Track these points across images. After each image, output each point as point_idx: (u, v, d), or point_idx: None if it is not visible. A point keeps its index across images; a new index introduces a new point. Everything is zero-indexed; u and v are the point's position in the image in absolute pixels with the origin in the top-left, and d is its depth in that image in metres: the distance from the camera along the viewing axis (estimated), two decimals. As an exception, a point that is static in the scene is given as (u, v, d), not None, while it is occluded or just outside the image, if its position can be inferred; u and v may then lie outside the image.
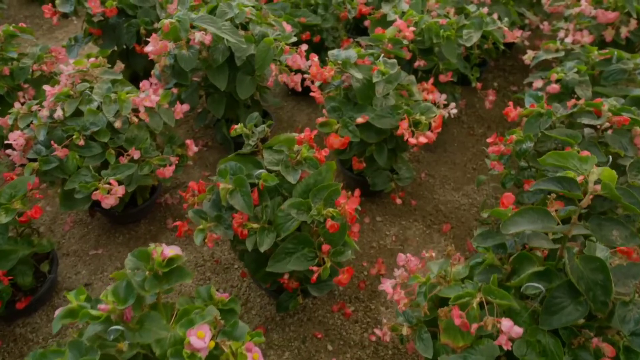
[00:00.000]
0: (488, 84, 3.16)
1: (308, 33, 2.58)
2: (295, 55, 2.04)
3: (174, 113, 1.93)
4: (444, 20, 2.25)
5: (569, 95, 2.09)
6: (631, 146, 1.64)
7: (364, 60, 1.97)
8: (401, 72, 2.04)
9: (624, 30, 2.32)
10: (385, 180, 2.08)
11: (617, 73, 2.08)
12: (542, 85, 2.15)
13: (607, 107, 1.68)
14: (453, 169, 2.49)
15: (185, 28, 1.83)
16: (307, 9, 2.66)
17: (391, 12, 2.32)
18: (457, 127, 2.79)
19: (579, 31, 2.45)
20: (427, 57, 2.29)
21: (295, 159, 1.58)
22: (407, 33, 2.13)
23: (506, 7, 2.72)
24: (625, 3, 2.27)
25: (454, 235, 2.15)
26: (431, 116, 1.82)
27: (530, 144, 1.62)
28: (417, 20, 2.22)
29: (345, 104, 1.90)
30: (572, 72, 2.09)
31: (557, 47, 2.28)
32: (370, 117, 1.84)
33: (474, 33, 2.27)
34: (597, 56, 2.17)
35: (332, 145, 1.78)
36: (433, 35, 2.22)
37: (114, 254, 2.07)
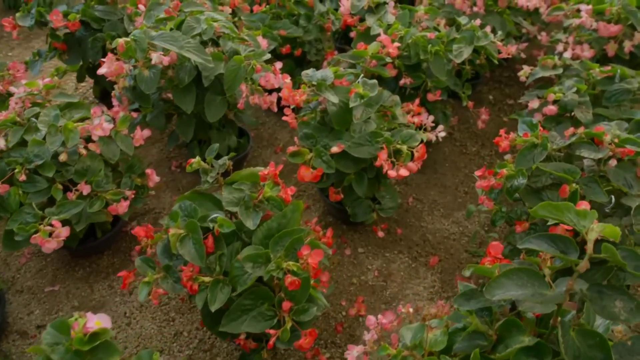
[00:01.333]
0: (483, 97, 2.97)
1: (288, 46, 2.40)
2: (269, 74, 1.85)
3: (133, 140, 1.74)
4: (433, 34, 2.05)
5: (568, 117, 1.89)
6: (636, 182, 1.44)
7: (341, 80, 1.78)
8: (384, 93, 1.86)
9: (627, 44, 2.12)
10: (366, 210, 1.89)
11: (621, 93, 1.89)
12: (538, 105, 1.96)
13: (609, 137, 1.49)
14: (443, 193, 2.30)
15: (142, 48, 1.64)
16: (288, 20, 2.47)
17: (375, 25, 2.12)
18: (449, 145, 2.60)
19: (579, 44, 2.25)
20: (414, 74, 2.09)
21: (257, 198, 1.39)
22: (391, 49, 1.93)
23: (501, 17, 2.53)
24: (629, 15, 2.07)
25: (442, 269, 1.96)
26: (414, 145, 1.63)
27: (522, 181, 1.43)
28: (403, 34, 2.03)
29: (320, 130, 1.72)
30: (571, 91, 1.90)
31: (554, 62, 2.08)
32: (346, 146, 1.65)
33: (464, 48, 2.07)
34: (599, 74, 1.97)
35: (303, 178, 1.59)
36: (420, 51, 2.02)
37: (72, 291, 1.89)
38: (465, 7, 2.42)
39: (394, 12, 2.25)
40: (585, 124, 1.83)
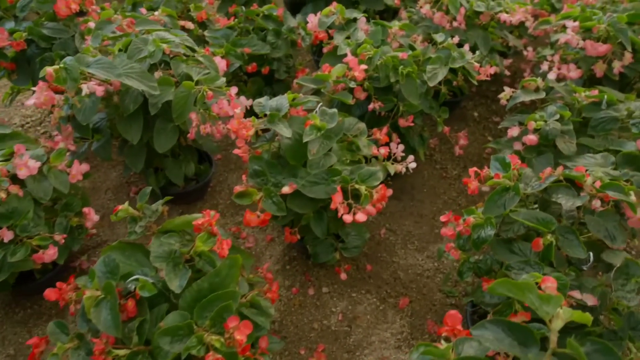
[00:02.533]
0: (467, 114, 2.78)
1: (254, 64, 2.22)
2: (222, 101, 1.67)
3: (69, 176, 1.57)
4: (405, 54, 1.87)
5: (551, 146, 1.71)
6: (620, 233, 1.26)
7: (298, 110, 1.61)
8: (345, 122, 1.68)
9: (616, 64, 1.93)
10: (329, 250, 1.71)
11: (607, 122, 1.70)
12: (518, 133, 1.78)
13: (591, 179, 1.31)
14: (419, 223, 2.12)
15: (74, 77, 1.47)
16: (257, 35, 2.29)
17: (343, 44, 1.94)
18: (429, 168, 2.42)
19: (565, 64, 2.06)
20: (385, 97, 1.91)
21: (189, 253, 1.22)
22: (357, 72, 1.76)
23: (484, 32, 2.34)
24: (618, 33, 1.88)
25: (412, 311, 1.78)
26: (374, 185, 1.46)
27: (490, 232, 1.25)
28: (372, 55, 1.85)
29: (273, 166, 1.54)
30: (553, 119, 1.72)
31: (537, 85, 1.90)
32: (300, 185, 1.48)
33: (439, 69, 1.89)
34: (584, 98, 1.79)
35: (249, 223, 1.42)
36: (390, 73, 1.84)
37: (9, 336, 1.72)
38: (445, 22, 2.23)
39: (366, 29, 2.07)
40: (568, 155, 1.65)
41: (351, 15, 2.09)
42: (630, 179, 1.48)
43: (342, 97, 1.71)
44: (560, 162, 1.64)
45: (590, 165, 1.59)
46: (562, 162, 1.64)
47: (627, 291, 1.10)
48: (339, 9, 2.08)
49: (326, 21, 2.05)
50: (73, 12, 1.99)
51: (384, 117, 1.99)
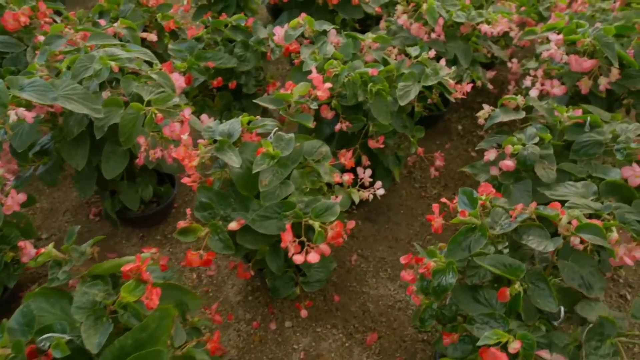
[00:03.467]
0: (451, 127, 2.64)
1: (220, 79, 2.08)
2: (173, 124, 1.54)
3: (3, 207, 1.44)
4: (375, 70, 1.73)
5: (530, 172, 1.57)
6: (597, 280, 1.12)
7: (252, 134, 1.47)
8: (305, 146, 1.55)
9: (603, 81, 1.79)
10: (288, 284, 1.58)
11: (591, 146, 1.56)
12: (495, 157, 1.64)
13: (566, 218, 1.17)
14: (393, 248, 1.98)
15: (3, 102, 1.33)
16: (224, 48, 2.15)
17: (309, 59, 1.80)
18: (407, 187, 2.28)
19: (549, 79, 1.92)
20: (354, 116, 1.78)
21: (113, 303, 1.09)
22: (320, 91, 1.62)
23: (465, 44, 2.19)
24: (604, 48, 1.74)
25: (381, 348, 1.64)
26: (330, 220, 1.32)
27: (452, 279, 1.11)
28: (338, 71, 1.71)
29: (222, 198, 1.40)
30: (532, 142, 1.57)
31: (517, 103, 1.75)
32: (249, 220, 1.34)
33: (412, 86, 1.75)
34: (567, 119, 1.65)
35: (190, 264, 1.28)
36: (359, 91, 1.71)
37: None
38: (423, 34, 2.09)
39: (337, 42, 1.93)
40: (547, 183, 1.51)
41: (321, 27, 1.95)
42: (613, 211, 1.35)
43: (301, 120, 1.57)
44: (539, 190, 1.51)
45: (570, 194, 1.45)
46: (541, 189, 1.50)
47: (600, 355, 0.95)
48: (307, 21, 1.94)
49: (293, 34, 1.91)
50: (22, 25, 1.85)
51: (356, 135, 1.85)
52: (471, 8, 2.22)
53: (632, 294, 1.84)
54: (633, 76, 1.84)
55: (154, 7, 2.41)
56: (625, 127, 1.58)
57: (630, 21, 2.31)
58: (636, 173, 1.42)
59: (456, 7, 2.18)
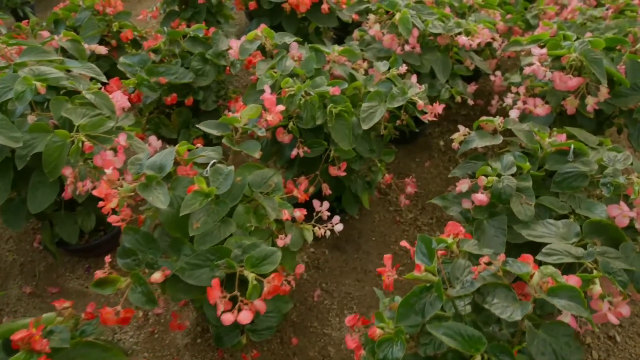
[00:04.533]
0: (432, 142, 2.45)
1: (174, 95, 1.89)
2: (105, 152, 1.35)
3: None
4: (337, 89, 1.54)
5: (504, 209, 1.38)
6: (572, 351, 0.93)
7: (187, 167, 1.29)
8: (254, 177, 1.36)
9: (590, 101, 1.59)
10: (233, 332, 1.39)
11: (574, 178, 1.37)
12: (468, 188, 1.45)
13: (538, 276, 0.98)
14: (361, 282, 1.80)
15: None
16: (182, 60, 1.96)
17: (264, 77, 1.61)
18: (381, 210, 2.09)
19: (532, 97, 1.73)
20: (314, 140, 1.59)
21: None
22: (271, 116, 1.43)
23: (444, 56, 2.00)
24: (592, 65, 1.54)
25: (340, 402, 1.46)
26: (268, 271, 1.13)
27: (399, 352, 0.92)
28: (294, 91, 1.52)
29: (150, 241, 1.22)
30: (509, 172, 1.38)
31: (495, 126, 1.56)
32: (177, 269, 1.16)
33: (377, 108, 1.56)
34: (549, 146, 1.46)
35: (105, 322, 1.10)
36: (318, 112, 1.52)
37: None
38: (395, 46, 1.90)
39: (299, 56, 1.74)
40: (524, 221, 1.32)
41: (282, 39, 1.76)
42: (597, 257, 1.16)
43: (247, 149, 1.38)
44: (515, 228, 1.32)
45: (550, 235, 1.26)
46: (517, 228, 1.31)
47: None
48: (266, 33, 1.75)
49: (249, 47, 1.72)
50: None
51: (318, 159, 1.66)
52: (451, 17, 2.02)
53: (622, 335, 1.65)
54: (624, 94, 1.65)
55: (110, 16, 2.22)
56: (614, 156, 1.38)
57: (623, 30, 2.12)
58: (624, 212, 1.24)
59: (433, 17, 1.99)
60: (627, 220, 1.23)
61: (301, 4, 2.03)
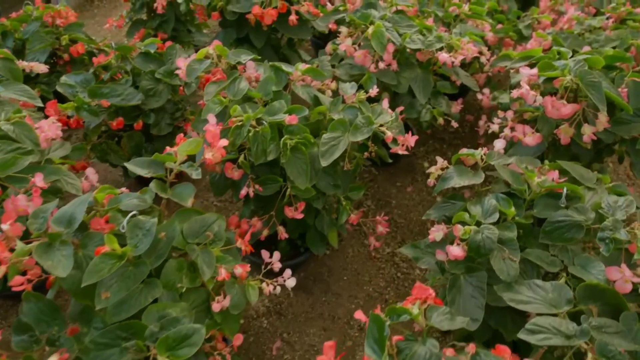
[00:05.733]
0: (415, 164, 2.23)
1: (120, 119, 1.68)
2: (16, 197, 1.14)
3: None
4: (294, 118, 1.32)
5: (485, 261, 1.16)
6: None
7: (102, 220, 1.07)
8: (190, 225, 1.15)
9: (587, 130, 1.37)
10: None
11: (567, 228, 1.15)
12: (443, 236, 1.23)
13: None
14: (328, 331, 1.58)
15: None
16: (135, 79, 1.74)
17: (212, 103, 1.39)
18: (356, 243, 1.87)
19: (521, 123, 1.50)
20: (268, 176, 1.37)
21: None
22: (210, 153, 1.21)
23: (424, 73, 1.77)
24: (589, 90, 1.31)
25: None
26: (188, 354, 0.91)
27: None
28: (243, 121, 1.30)
29: (53, 311, 1.00)
30: (490, 219, 1.17)
31: (476, 160, 1.34)
32: (80, 350, 0.94)
33: (340, 139, 1.34)
34: (537, 187, 1.23)
35: None
36: (270, 146, 1.30)
37: None
38: (369, 63, 1.67)
39: (256, 76, 1.51)
40: (506, 282, 1.10)
41: (237, 58, 1.53)
42: (593, 333, 0.95)
43: (177, 197, 1.15)
44: (496, 289, 1.10)
45: (536, 301, 1.05)
46: (498, 289, 1.09)
47: None
48: (219, 50, 1.52)
49: (197, 67, 1.50)
50: None
51: (274, 197, 1.44)
52: (433, 29, 1.79)
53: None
54: (626, 121, 1.42)
55: (61, 28, 2.01)
56: (614, 202, 1.16)
57: (624, 43, 1.89)
58: (627, 276, 1.01)
59: (412, 29, 1.76)
60: (630, 286, 1.01)
61: (266, 15, 1.81)
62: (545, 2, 2.50)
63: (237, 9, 1.93)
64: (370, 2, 1.87)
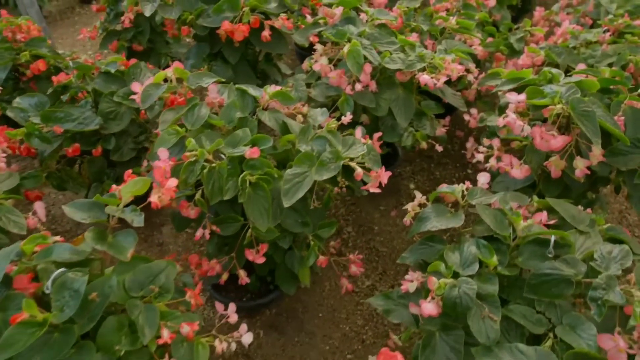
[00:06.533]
0: (400, 185, 2.10)
1: (77, 146, 1.54)
2: (-62, 245, 1.01)
3: None
4: (256, 151, 1.19)
5: (461, 320, 1.03)
6: None
7: (26, 278, 0.94)
8: (133, 277, 1.02)
9: (580, 164, 1.23)
10: None
11: (555, 283, 1.01)
12: (417, 286, 1.09)
13: None
14: (299, 377, 1.45)
15: None
16: (93, 101, 1.61)
17: (166, 134, 1.26)
18: (333, 275, 1.74)
19: (509, 153, 1.37)
20: (228, 215, 1.24)
21: None
22: (157, 196, 1.07)
23: (406, 93, 1.64)
24: (580, 120, 1.18)
25: None
26: None
27: None
28: (197, 156, 1.17)
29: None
30: (469, 270, 1.03)
31: (456, 198, 1.21)
32: None
33: (306, 175, 1.20)
34: (524, 231, 1.10)
35: None
36: (228, 183, 1.17)
37: None
38: (345, 84, 1.54)
39: (219, 101, 1.38)
40: (485, 345, 0.96)
41: (199, 81, 1.40)
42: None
43: (115, 250, 1.02)
44: (474, 353, 0.97)
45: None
46: (476, 354, 0.96)
47: None
48: (178, 73, 1.39)
49: (154, 93, 1.36)
50: None
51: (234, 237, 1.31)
52: (416, 46, 1.66)
53: None
54: (623, 153, 1.29)
55: (21, 43, 1.88)
56: (608, 252, 1.02)
57: (623, 59, 1.76)
58: (620, 345, 0.88)
59: (394, 46, 1.62)
60: (624, 357, 0.88)
61: (237, 31, 1.67)
62: (539, 12, 2.36)
63: (207, 24, 1.80)
64: (350, 16, 1.73)
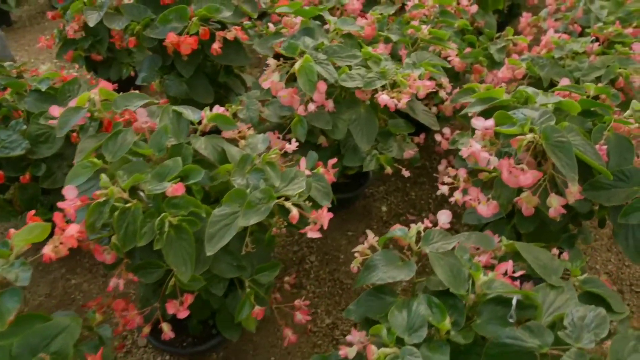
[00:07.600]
0: (372, 207, 1.93)
1: (0, 173, 1.38)
2: None
3: None
4: (179, 187, 1.02)
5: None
6: None
7: None
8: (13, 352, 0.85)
9: (554, 202, 1.05)
10: None
11: (515, 355, 0.84)
12: (360, 349, 0.92)
13: None
14: None
15: None
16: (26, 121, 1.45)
17: (80, 167, 1.08)
18: (289, 312, 1.56)
19: (476, 186, 1.19)
20: (148, 260, 1.07)
21: None
22: (50, 248, 0.90)
23: (368, 114, 1.46)
24: (555, 154, 1.00)
25: None
26: None
27: None
28: (107, 196, 1.00)
29: None
30: (416, 337, 0.87)
31: (410, 244, 1.03)
32: None
33: (234, 217, 1.03)
34: (484, 287, 0.92)
35: None
36: (145, 226, 1.00)
37: None
38: (297, 104, 1.37)
39: (151, 126, 1.21)
40: None
41: (126, 104, 1.23)
42: None
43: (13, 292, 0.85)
44: None
45: None
46: None
47: None
48: (103, 94, 1.22)
49: (72, 118, 1.19)
50: None
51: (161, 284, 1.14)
52: (381, 60, 1.48)
53: None
54: (605, 187, 1.11)
55: (-44, 56, 1.71)
56: (581, 316, 0.84)
57: (611, 72, 1.58)
58: None
59: (355, 60, 1.45)
60: None
61: (183, 44, 1.50)
62: (526, 18, 2.18)
63: (154, 35, 1.63)
64: (308, 27, 1.56)
